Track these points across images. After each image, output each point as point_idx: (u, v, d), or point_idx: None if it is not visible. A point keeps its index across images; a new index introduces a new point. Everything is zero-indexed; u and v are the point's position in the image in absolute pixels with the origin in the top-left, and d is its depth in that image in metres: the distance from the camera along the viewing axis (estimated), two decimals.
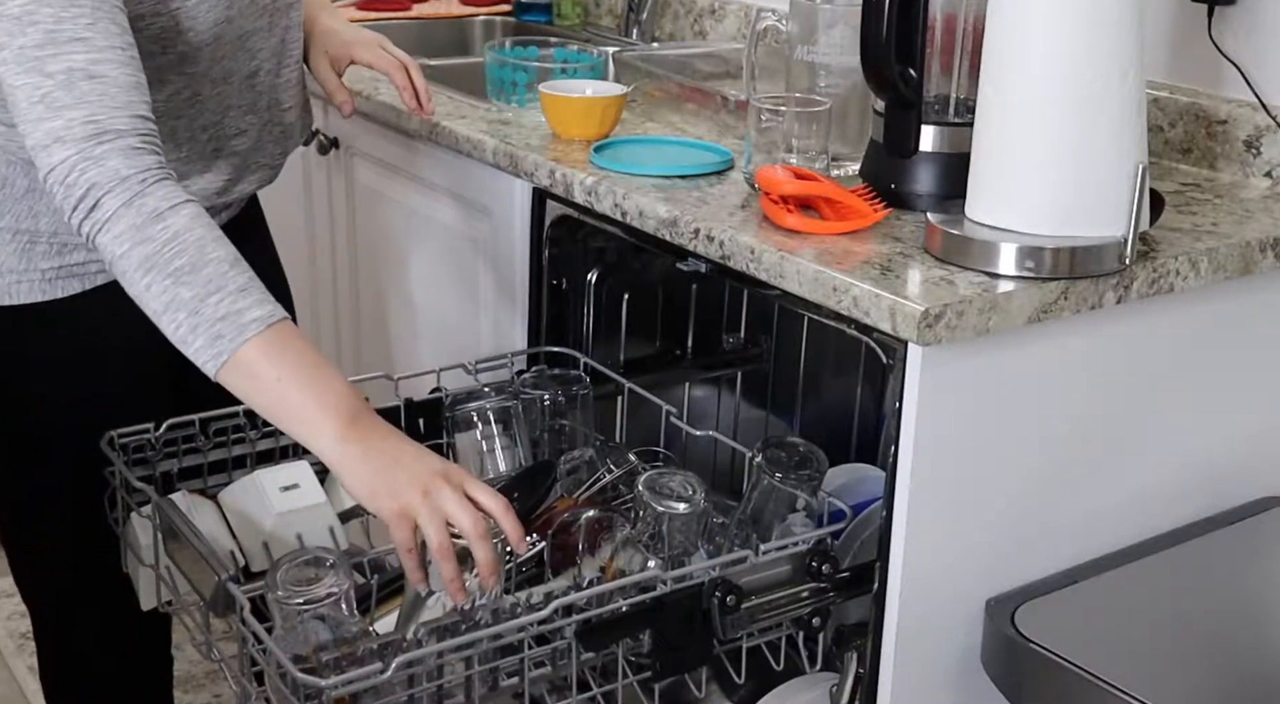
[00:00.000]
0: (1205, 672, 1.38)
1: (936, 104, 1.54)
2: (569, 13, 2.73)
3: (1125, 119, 1.37)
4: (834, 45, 1.64)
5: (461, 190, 1.98)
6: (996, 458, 1.42)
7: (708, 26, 2.49)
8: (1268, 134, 1.71)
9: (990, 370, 1.39)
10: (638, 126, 1.92)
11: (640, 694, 1.42)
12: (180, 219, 1.28)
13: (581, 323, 1.89)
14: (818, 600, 1.42)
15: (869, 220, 1.48)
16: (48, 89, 1.28)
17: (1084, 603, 1.46)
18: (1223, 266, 1.48)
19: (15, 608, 2.61)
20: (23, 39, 1.29)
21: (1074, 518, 1.51)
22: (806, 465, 1.47)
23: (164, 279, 1.26)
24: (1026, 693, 1.38)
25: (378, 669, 1.19)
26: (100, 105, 1.29)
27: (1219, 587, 1.52)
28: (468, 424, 1.62)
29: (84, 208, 1.27)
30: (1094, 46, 1.34)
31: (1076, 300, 1.37)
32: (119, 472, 1.49)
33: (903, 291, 1.32)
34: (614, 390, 1.74)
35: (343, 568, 1.28)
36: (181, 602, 1.46)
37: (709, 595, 1.35)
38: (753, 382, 2.04)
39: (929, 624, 1.44)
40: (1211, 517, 1.62)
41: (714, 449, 1.72)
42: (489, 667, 1.28)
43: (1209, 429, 1.60)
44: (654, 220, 1.56)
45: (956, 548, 1.43)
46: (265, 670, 1.25)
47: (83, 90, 1.29)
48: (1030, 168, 1.38)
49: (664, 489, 1.39)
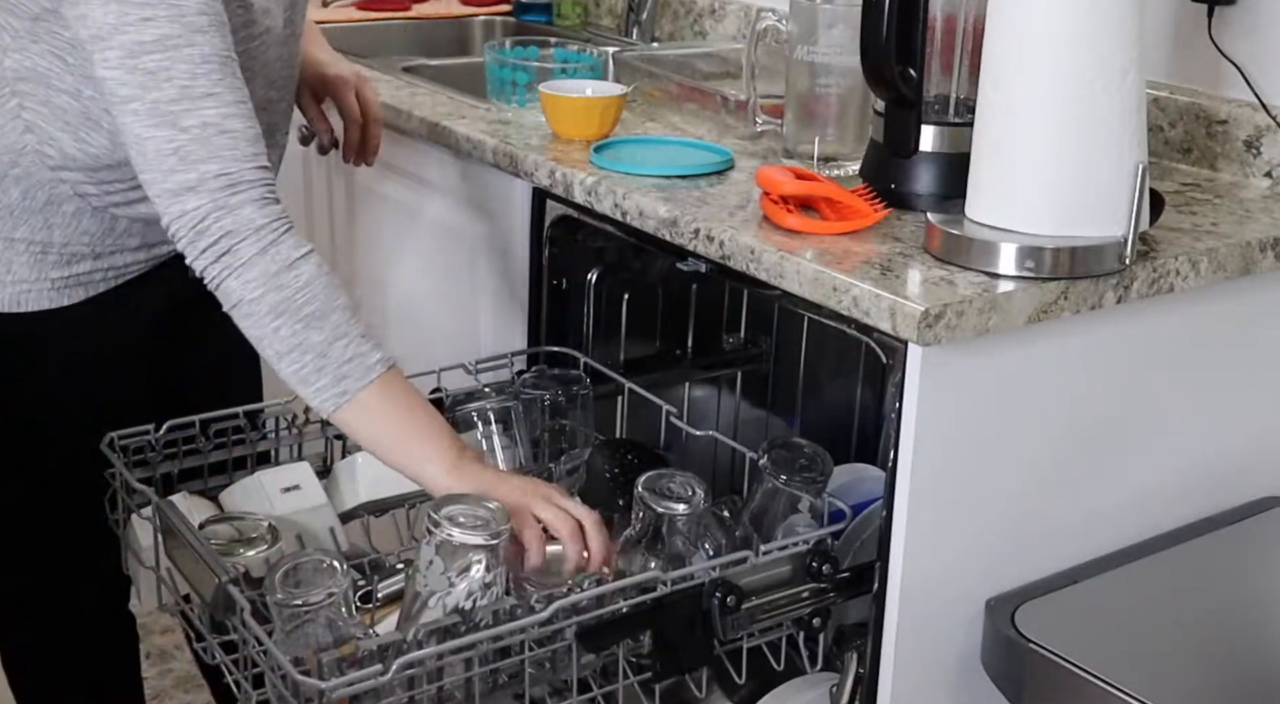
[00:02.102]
0: (1205, 672, 1.38)
1: (936, 104, 1.54)
2: (569, 13, 2.73)
3: (1125, 119, 1.37)
4: (834, 45, 1.64)
5: (461, 190, 1.98)
6: (996, 458, 1.42)
7: (708, 26, 2.49)
8: (1268, 134, 1.71)
9: (990, 370, 1.39)
10: (638, 126, 1.92)
11: (640, 695, 1.42)
12: (309, 267, 1.36)
13: (581, 323, 1.89)
14: (818, 601, 1.42)
15: (869, 220, 1.48)
16: (181, 142, 1.34)
17: (1084, 603, 1.46)
18: (1223, 266, 1.48)
19: None
20: (157, 93, 1.35)
21: (1074, 518, 1.51)
22: (811, 467, 1.47)
23: (294, 323, 1.34)
24: (1026, 693, 1.38)
25: (378, 671, 1.19)
26: (232, 159, 1.36)
27: (1219, 587, 1.52)
28: (468, 424, 1.62)
29: (215, 252, 1.34)
30: (1094, 46, 1.34)
31: (1076, 300, 1.37)
32: (119, 473, 1.49)
33: (903, 291, 1.32)
34: (614, 390, 1.74)
35: (342, 569, 1.28)
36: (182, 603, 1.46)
37: (709, 596, 1.35)
38: (753, 382, 2.04)
39: (929, 624, 1.44)
40: (1211, 517, 1.62)
41: (714, 449, 1.72)
42: (489, 668, 1.28)
43: (1209, 429, 1.60)
44: (654, 220, 1.56)
45: (956, 548, 1.43)
46: (265, 673, 1.25)
47: (216, 145, 1.35)
48: (1030, 168, 1.38)
49: (664, 490, 1.39)
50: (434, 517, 1.28)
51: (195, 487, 1.55)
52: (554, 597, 1.27)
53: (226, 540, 1.40)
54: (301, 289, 1.34)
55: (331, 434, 1.62)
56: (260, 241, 1.34)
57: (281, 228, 1.36)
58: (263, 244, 1.34)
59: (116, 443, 1.51)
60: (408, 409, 1.38)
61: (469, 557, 1.28)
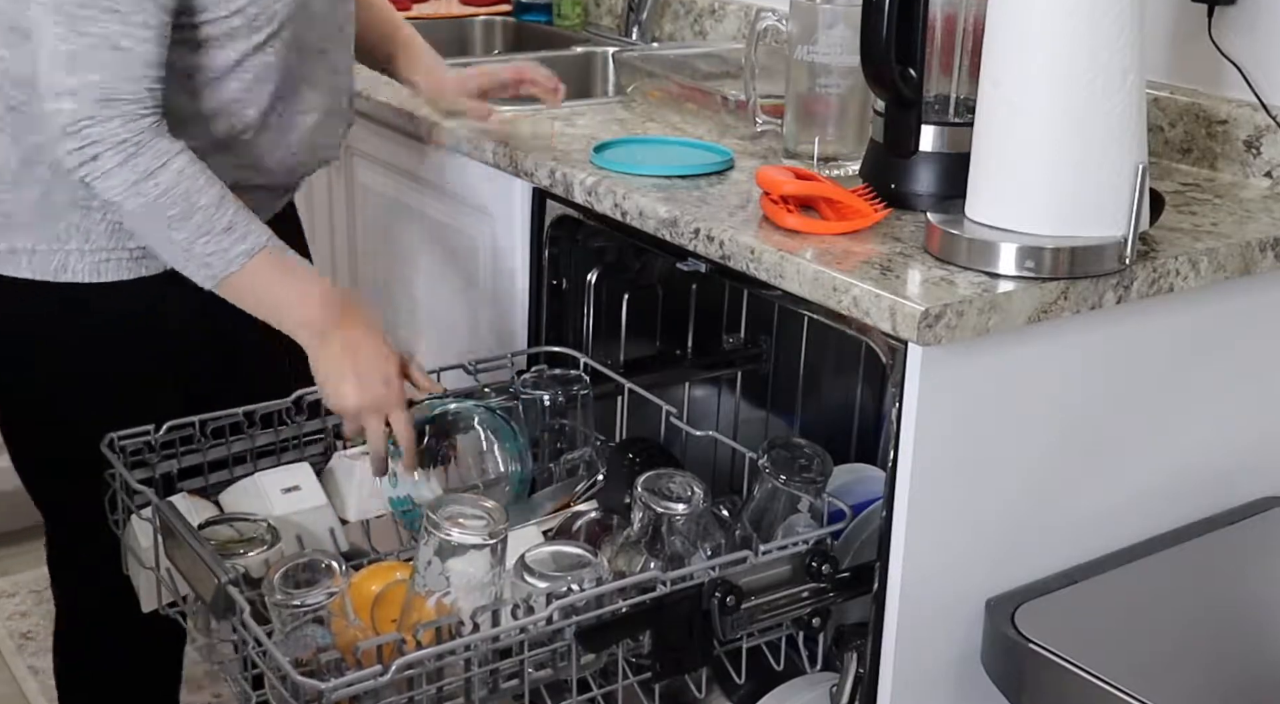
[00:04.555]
0: (1205, 672, 1.38)
1: (936, 104, 1.54)
2: (569, 13, 2.73)
3: (1125, 119, 1.37)
4: (834, 45, 1.64)
5: (461, 190, 1.98)
6: (996, 458, 1.42)
7: (708, 26, 2.49)
8: (1268, 134, 1.71)
9: (990, 370, 1.39)
10: (638, 126, 1.92)
11: (640, 695, 1.42)
12: (168, 176, 1.46)
13: (581, 323, 1.89)
14: (818, 600, 1.42)
15: (869, 220, 1.48)
16: (77, 48, 1.42)
17: (1084, 603, 1.46)
18: (1223, 266, 1.48)
19: (15, 608, 2.61)
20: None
21: (1074, 518, 1.51)
22: (811, 467, 1.47)
23: (158, 225, 1.47)
24: (1026, 693, 1.38)
25: (377, 672, 1.19)
26: (116, 75, 1.44)
27: (1219, 587, 1.52)
28: (468, 424, 1.62)
29: (79, 156, 1.44)
30: (1094, 46, 1.34)
31: (1076, 300, 1.37)
32: (119, 474, 1.49)
33: (903, 291, 1.32)
34: (614, 390, 1.74)
35: (342, 570, 1.28)
36: (182, 604, 1.46)
37: (709, 596, 1.35)
38: (753, 382, 2.04)
39: (929, 624, 1.44)
40: (1211, 517, 1.61)
41: (714, 449, 1.72)
42: (489, 669, 1.28)
43: (1209, 429, 1.60)
44: (654, 220, 1.56)
45: (956, 548, 1.43)
46: (265, 673, 1.25)
47: (105, 59, 1.43)
48: (1030, 168, 1.38)
49: (663, 490, 1.39)
50: (433, 517, 1.28)
51: (196, 484, 1.55)
52: (554, 596, 1.27)
53: (226, 541, 1.40)
54: (161, 196, 1.45)
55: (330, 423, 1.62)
56: (120, 154, 1.44)
57: (146, 139, 1.44)
58: (123, 156, 1.44)
59: (116, 443, 1.51)
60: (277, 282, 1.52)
61: (468, 556, 1.28)
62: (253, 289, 1.51)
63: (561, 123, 1.92)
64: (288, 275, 1.53)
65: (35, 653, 2.47)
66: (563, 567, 1.32)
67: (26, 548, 2.70)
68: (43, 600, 2.61)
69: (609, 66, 2.43)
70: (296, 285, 1.53)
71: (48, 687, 2.36)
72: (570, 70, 2.45)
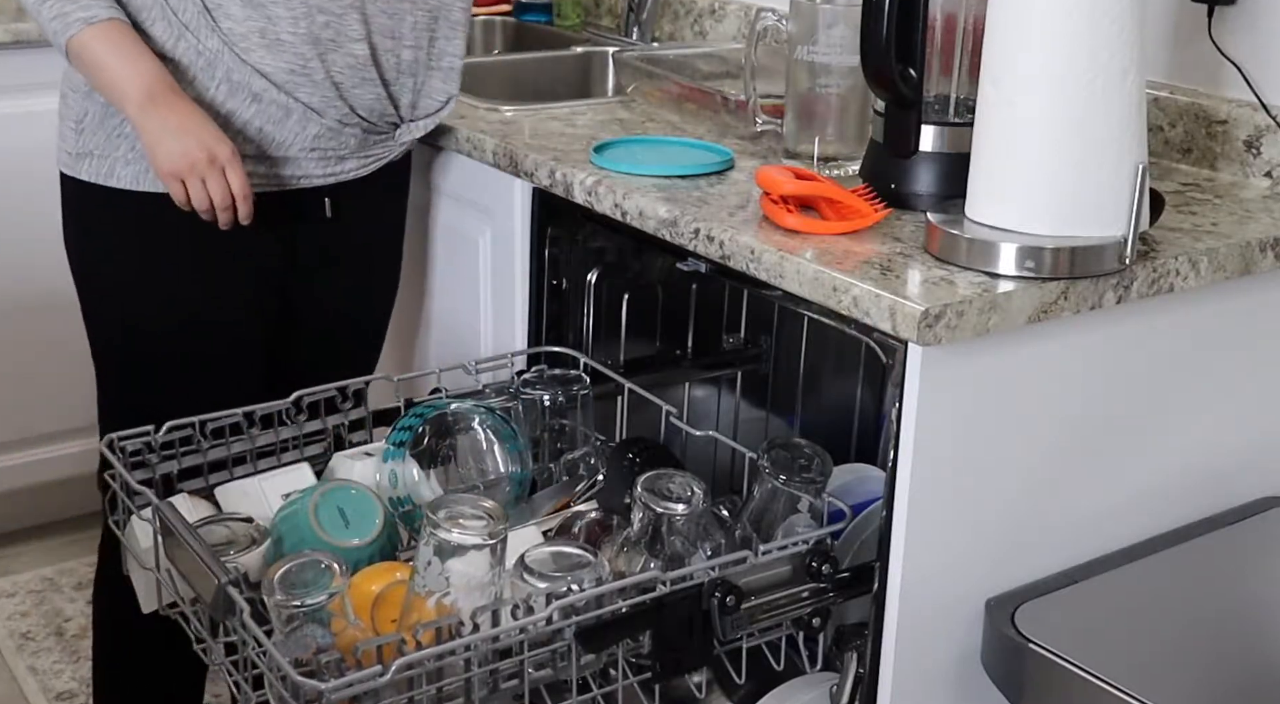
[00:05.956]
0: (1205, 672, 1.38)
1: (936, 104, 1.54)
2: (569, 13, 2.73)
3: (1125, 119, 1.37)
4: (834, 45, 1.64)
5: (461, 190, 1.98)
6: (996, 458, 1.42)
7: (708, 26, 2.49)
8: (1268, 134, 1.71)
9: (990, 370, 1.39)
10: (638, 126, 1.92)
11: (640, 695, 1.42)
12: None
13: (581, 323, 1.89)
14: (818, 601, 1.42)
15: (869, 220, 1.48)
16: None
17: (1084, 603, 1.46)
18: (1223, 266, 1.48)
19: (15, 608, 2.61)
20: None
21: (1074, 518, 1.51)
22: (811, 467, 1.47)
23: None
24: (1026, 693, 1.38)
25: (377, 672, 1.19)
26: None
27: (1219, 587, 1.52)
28: (468, 425, 1.62)
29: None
30: (1094, 46, 1.34)
31: (1076, 300, 1.37)
32: (119, 474, 1.49)
33: (903, 291, 1.32)
34: (614, 390, 1.74)
35: (341, 570, 1.28)
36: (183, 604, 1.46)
37: (709, 596, 1.35)
38: (753, 382, 2.04)
39: (929, 624, 1.44)
40: (1212, 517, 1.62)
41: (714, 449, 1.72)
42: (489, 669, 1.28)
43: (1209, 429, 1.60)
44: (654, 220, 1.56)
45: (956, 548, 1.43)
46: (265, 674, 1.25)
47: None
48: (1030, 168, 1.38)
49: (663, 490, 1.39)
50: (432, 517, 1.28)
51: (196, 484, 1.55)
52: (554, 597, 1.27)
53: (225, 542, 1.40)
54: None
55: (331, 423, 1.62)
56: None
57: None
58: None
59: (116, 444, 1.51)
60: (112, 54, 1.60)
61: (467, 557, 1.28)
62: (92, 59, 1.60)
63: (561, 123, 1.92)
64: (124, 50, 1.60)
65: (35, 653, 2.47)
66: (562, 567, 1.32)
67: (27, 548, 2.70)
68: (43, 600, 2.61)
69: (609, 66, 2.43)
70: (131, 62, 1.60)
71: (48, 687, 2.37)
72: (570, 70, 2.46)
